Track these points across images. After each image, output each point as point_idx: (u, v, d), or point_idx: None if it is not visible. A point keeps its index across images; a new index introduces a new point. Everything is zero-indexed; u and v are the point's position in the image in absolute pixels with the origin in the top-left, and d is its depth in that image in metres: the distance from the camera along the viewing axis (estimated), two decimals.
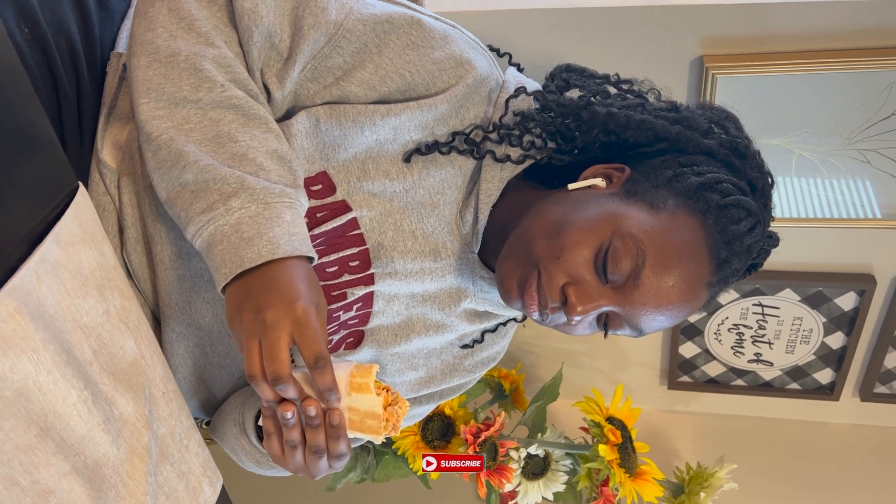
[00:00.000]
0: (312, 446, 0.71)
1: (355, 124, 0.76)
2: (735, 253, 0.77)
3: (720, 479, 1.41)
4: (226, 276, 0.67)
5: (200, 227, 0.69)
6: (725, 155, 0.80)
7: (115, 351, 0.69)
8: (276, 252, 0.67)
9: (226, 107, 0.71)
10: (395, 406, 0.71)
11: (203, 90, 0.71)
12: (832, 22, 1.22)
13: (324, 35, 0.75)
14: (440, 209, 0.83)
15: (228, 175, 0.68)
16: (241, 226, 0.68)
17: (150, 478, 0.73)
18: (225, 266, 0.67)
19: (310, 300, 0.67)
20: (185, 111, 0.70)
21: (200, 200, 0.68)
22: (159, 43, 0.72)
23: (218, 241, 0.68)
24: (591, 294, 0.76)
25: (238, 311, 0.67)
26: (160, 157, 0.70)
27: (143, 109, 0.71)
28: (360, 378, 0.70)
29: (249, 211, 0.68)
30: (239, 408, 0.84)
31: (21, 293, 0.56)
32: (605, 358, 1.84)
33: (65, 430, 0.62)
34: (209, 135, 0.70)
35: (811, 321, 1.63)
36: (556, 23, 1.29)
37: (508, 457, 1.41)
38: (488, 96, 0.83)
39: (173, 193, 0.70)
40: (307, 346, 0.66)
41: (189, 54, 0.71)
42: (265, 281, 0.67)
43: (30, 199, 0.60)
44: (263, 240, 0.67)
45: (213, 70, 0.71)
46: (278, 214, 0.69)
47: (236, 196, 0.68)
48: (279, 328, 0.65)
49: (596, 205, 0.78)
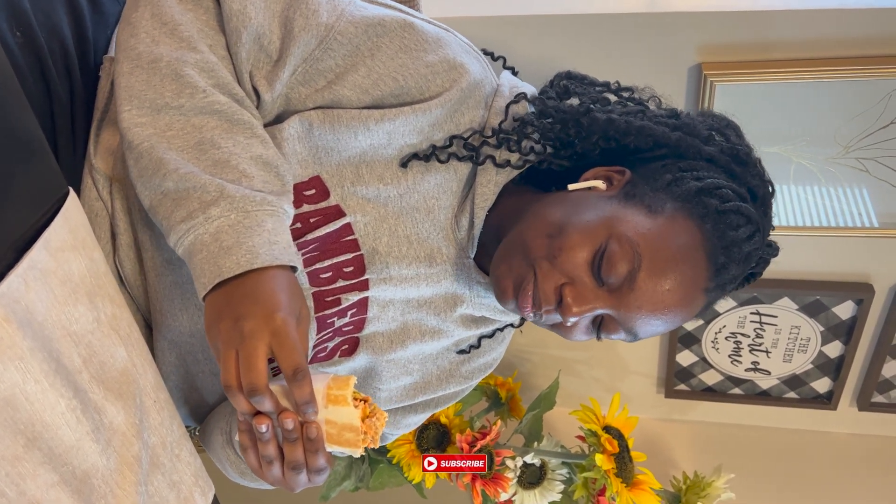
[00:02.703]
0: (291, 461, 0.70)
1: (349, 129, 0.76)
2: (733, 259, 0.77)
3: (717, 488, 1.40)
4: (205, 286, 0.67)
5: (181, 236, 0.68)
6: (726, 162, 0.80)
7: (105, 359, 0.68)
8: (255, 262, 0.66)
9: (208, 112, 0.70)
10: (373, 418, 0.70)
11: (185, 96, 0.70)
12: (831, 30, 1.22)
13: (315, 37, 0.75)
14: (435, 214, 0.82)
15: (208, 183, 0.67)
16: (221, 234, 0.67)
17: (141, 487, 0.72)
18: (204, 276, 0.67)
19: (290, 311, 0.66)
20: (167, 118, 0.70)
21: (181, 209, 0.68)
22: (141, 49, 0.71)
23: (198, 251, 0.67)
24: (586, 296, 0.75)
25: (216, 321, 0.66)
26: (142, 164, 0.69)
27: (125, 117, 0.70)
28: (336, 390, 0.69)
29: (229, 220, 0.67)
30: (227, 417, 0.83)
31: (9, 300, 0.56)
32: (601, 366, 1.83)
33: (53, 440, 0.61)
34: (191, 142, 0.69)
35: (809, 330, 1.62)
36: (555, 29, 1.29)
37: (504, 466, 1.40)
38: (483, 100, 0.82)
39: (155, 201, 0.69)
40: (285, 358, 0.65)
41: (171, 60, 0.70)
42: (245, 291, 0.66)
43: (19, 205, 0.59)
44: (243, 249, 0.67)
45: (195, 75, 0.71)
46: (259, 223, 0.68)
47: (216, 204, 0.67)
48: (257, 338, 0.64)
49: (594, 207, 0.77)
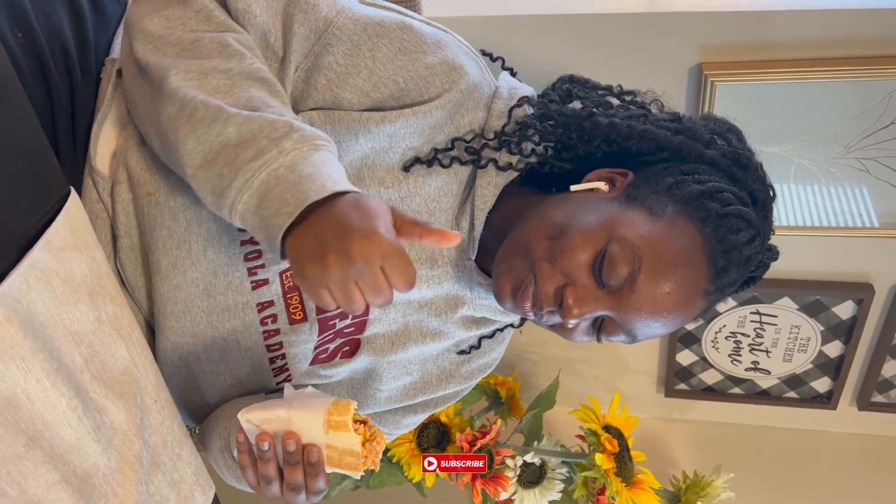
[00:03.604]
0: (290, 483, 0.70)
1: (349, 131, 0.76)
2: (733, 263, 0.77)
3: (717, 487, 1.40)
4: (290, 215, 0.62)
5: (251, 176, 0.64)
6: (727, 166, 0.80)
7: (106, 358, 0.68)
8: (338, 185, 0.63)
9: (255, 79, 0.70)
10: (373, 442, 0.70)
11: (234, 60, 0.69)
12: (832, 30, 1.22)
13: (314, 32, 0.75)
14: (436, 216, 0.82)
15: (276, 120, 0.66)
16: (297, 165, 0.64)
17: (142, 487, 0.72)
18: (287, 205, 0.62)
19: (386, 229, 0.62)
20: (215, 81, 0.69)
21: (248, 150, 0.64)
22: (180, 34, 0.72)
23: (274, 185, 0.63)
24: (587, 297, 0.76)
25: (319, 256, 0.61)
26: (197, 116, 0.66)
27: (172, 80, 0.68)
28: (337, 416, 0.69)
29: (302, 152, 0.65)
30: (225, 421, 0.83)
31: (10, 300, 0.56)
32: (601, 365, 1.83)
33: (54, 439, 0.61)
34: (242, 99, 0.68)
35: (809, 330, 1.62)
36: (555, 29, 1.29)
37: (504, 465, 1.40)
38: (482, 102, 0.82)
39: (212, 153, 0.66)
40: (398, 276, 0.62)
41: (213, 35, 0.71)
42: (334, 218, 0.62)
43: (21, 205, 0.59)
44: (324, 175, 0.63)
45: (238, 46, 0.71)
46: (329, 157, 0.67)
47: (287, 137, 0.65)
48: (373, 264, 0.61)
49: (596, 209, 0.78)
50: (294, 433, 0.68)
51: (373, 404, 0.94)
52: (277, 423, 0.70)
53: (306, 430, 0.70)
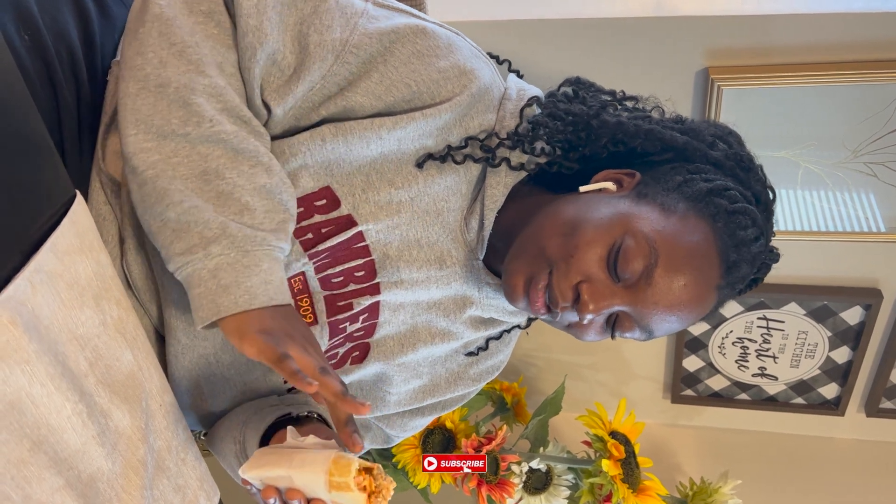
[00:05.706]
0: None
1: (362, 139, 0.76)
2: (743, 257, 0.78)
3: (724, 494, 1.39)
4: (202, 320, 0.68)
5: (179, 267, 0.69)
6: (731, 167, 0.81)
7: (111, 362, 0.68)
8: (254, 303, 0.68)
9: (214, 142, 0.70)
10: (378, 497, 0.69)
11: (192, 124, 0.69)
12: (839, 34, 1.21)
13: (331, 54, 0.74)
14: (444, 216, 0.82)
15: (211, 220, 0.68)
16: (219, 272, 0.68)
17: (146, 492, 0.72)
18: (202, 310, 0.68)
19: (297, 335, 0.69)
20: (172, 144, 0.69)
21: (181, 241, 0.68)
22: (149, 70, 0.70)
23: (196, 284, 0.69)
24: (603, 293, 0.76)
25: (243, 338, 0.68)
26: (144, 191, 0.69)
27: (130, 141, 0.70)
28: (339, 477, 0.68)
29: (228, 258, 0.68)
30: (240, 426, 0.82)
31: (15, 304, 0.55)
32: (607, 371, 1.83)
33: (58, 444, 0.61)
34: (196, 170, 0.69)
35: (816, 335, 1.62)
36: (562, 33, 1.29)
37: (510, 471, 1.40)
38: (492, 104, 0.82)
39: (156, 228, 0.70)
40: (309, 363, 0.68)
41: (179, 86, 0.70)
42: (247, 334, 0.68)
43: (26, 208, 0.59)
44: (241, 289, 0.68)
45: (203, 103, 0.70)
46: (257, 262, 0.69)
47: (217, 242, 0.68)
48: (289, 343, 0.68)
49: (608, 205, 0.78)
50: (298, 491, 0.69)
51: (381, 406, 0.94)
52: (280, 481, 0.70)
53: (309, 488, 0.69)
